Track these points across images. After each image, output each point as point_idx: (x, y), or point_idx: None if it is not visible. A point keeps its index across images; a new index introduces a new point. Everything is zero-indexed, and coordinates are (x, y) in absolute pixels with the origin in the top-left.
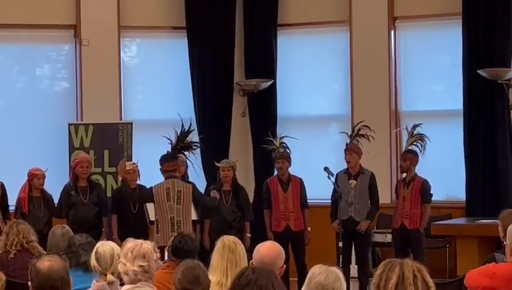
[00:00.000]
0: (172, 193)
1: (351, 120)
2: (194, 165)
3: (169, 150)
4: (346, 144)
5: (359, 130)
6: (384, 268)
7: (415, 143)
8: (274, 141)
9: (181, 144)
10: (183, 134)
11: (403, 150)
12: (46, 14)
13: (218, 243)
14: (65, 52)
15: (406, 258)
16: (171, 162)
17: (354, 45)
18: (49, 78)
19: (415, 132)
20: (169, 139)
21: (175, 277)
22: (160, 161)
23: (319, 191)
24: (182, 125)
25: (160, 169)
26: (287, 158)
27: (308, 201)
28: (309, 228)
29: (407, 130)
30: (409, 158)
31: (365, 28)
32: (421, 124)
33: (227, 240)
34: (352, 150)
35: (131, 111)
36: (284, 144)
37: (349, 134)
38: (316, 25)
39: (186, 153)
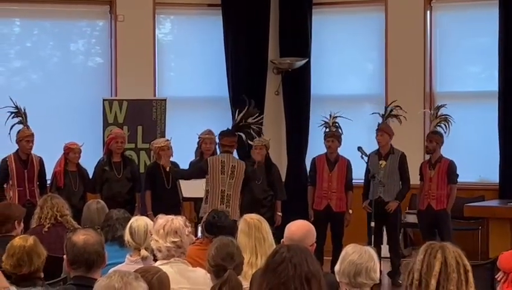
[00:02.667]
0: (226, 167)
1: (385, 100)
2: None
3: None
4: (378, 124)
5: (391, 110)
6: (425, 253)
7: (439, 124)
8: (328, 119)
9: (243, 122)
10: (248, 112)
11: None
12: None
13: (241, 224)
14: (99, 27)
15: (445, 243)
16: (229, 138)
17: (390, 25)
18: (83, 53)
19: (439, 113)
20: (232, 114)
21: (209, 253)
22: (219, 135)
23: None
24: (249, 103)
25: (218, 143)
26: (337, 138)
27: None
28: (350, 211)
29: (430, 112)
30: (435, 139)
31: (401, 8)
32: (445, 104)
33: (250, 218)
34: (383, 131)
35: (164, 88)
36: (337, 124)
37: (381, 114)
38: (351, 4)
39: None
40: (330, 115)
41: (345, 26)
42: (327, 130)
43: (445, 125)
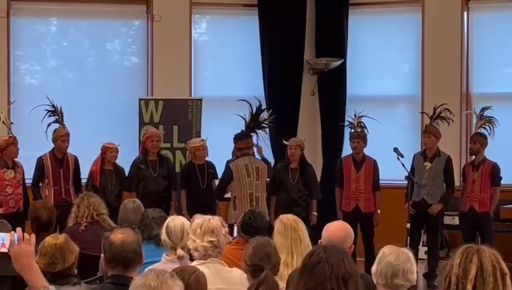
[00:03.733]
0: (251, 169)
1: (421, 101)
2: (262, 142)
3: (243, 128)
4: (426, 126)
5: (440, 112)
6: (462, 257)
7: (483, 126)
8: (353, 119)
9: (254, 123)
10: (256, 112)
11: (473, 132)
12: None
13: (278, 224)
14: (135, 27)
15: (481, 245)
16: (244, 140)
17: (426, 25)
18: (119, 53)
19: (484, 115)
20: (243, 117)
21: (245, 253)
22: (234, 139)
23: (386, 171)
24: (260, 105)
25: (234, 147)
26: (363, 138)
27: None
28: (379, 211)
29: (475, 113)
30: (479, 141)
31: (438, 8)
32: (491, 106)
33: (287, 219)
34: (430, 133)
35: (200, 88)
36: (362, 124)
37: (429, 115)
38: (388, 4)
39: (258, 131)
40: (355, 115)
41: (381, 27)
42: (352, 130)
43: (489, 127)
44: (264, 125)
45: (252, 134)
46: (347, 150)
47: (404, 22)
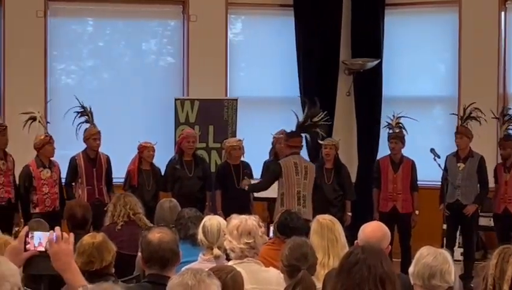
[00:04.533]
0: (300, 168)
1: (458, 102)
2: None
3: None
4: (457, 127)
5: (470, 112)
6: (498, 258)
7: (510, 128)
8: (391, 120)
9: (308, 122)
10: (312, 113)
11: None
12: None
13: (314, 224)
14: (171, 27)
15: None
16: (296, 139)
17: (463, 26)
18: (155, 53)
19: (507, 117)
20: (296, 115)
21: (282, 253)
22: (286, 136)
23: (423, 172)
24: (315, 103)
25: (286, 145)
26: (401, 139)
27: None
28: (417, 212)
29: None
30: (509, 145)
31: (475, 9)
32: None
33: (323, 219)
34: (462, 133)
35: (235, 88)
36: (401, 124)
37: (459, 116)
38: (424, 4)
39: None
40: (394, 116)
41: (418, 27)
42: (390, 131)
43: None
44: (319, 125)
45: (302, 134)
46: (382, 150)
47: (440, 22)
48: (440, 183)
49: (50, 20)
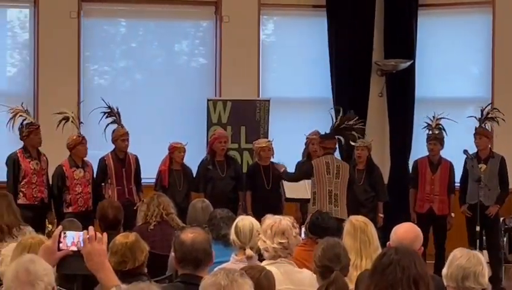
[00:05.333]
0: (332, 167)
1: (491, 104)
2: None
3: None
4: (476, 128)
5: (488, 113)
6: None
7: None
8: (431, 121)
9: (343, 125)
10: (347, 116)
11: None
12: None
13: (347, 225)
14: (203, 28)
15: None
16: (330, 141)
17: (497, 27)
18: (187, 54)
19: None
20: (332, 117)
21: (315, 254)
22: (320, 138)
23: (456, 174)
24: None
25: (320, 146)
26: (440, 140)
27: None
28: (453, 214)
29: None
30: None
31: (509, 9)
32: None
33: (357, 220)
34: (481, 134)
35: (268, 88)
36: (440, 126)
37: (477, 118)
38: (457, 6)
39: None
40: (433, 117)
41: (451, 27)
42: (430, 132)
43: None
44: (354, 128)
45: (337, 136)
46: (415, 151)
47: (473, 23)
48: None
49: (83, 21)
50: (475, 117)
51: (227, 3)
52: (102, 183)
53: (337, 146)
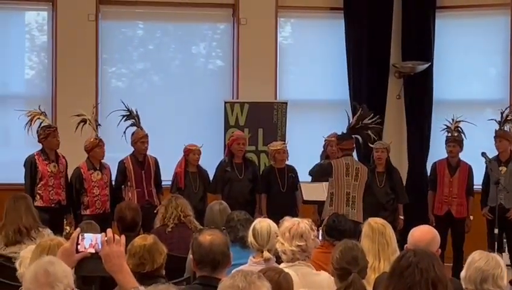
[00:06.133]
0: (351, 169)
1: (510, 106)
2: None
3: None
4: (496, 131)
5: (507, 116)
6: None
7: None
8: (450, 123)
9: (360, 124)
10: (362, 115)
11: None
12: None
13: (365, 227)
14: (220, 30)
15: None
16: (348, 141)
17: None
18: (204, 56)
19: None
20: (348, 117)
21: (333, 256)
22: (338, 139)
23: (475, 177)
24: (362, 107)
25: (338, 148)
26: (459, 143)
27: None
28: (471, 217)
29: None
30: None
31: None
32: None
33: (375, 223)
34: (501, 137)
35: (285, 91)
36: (459, 128)
37: (497, 120)
38: (475, 7)
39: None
40: (453, 120)
41: (469, 30)
42: (449, 134)
43: None
44: (371, 127)
45: (354, 136)
46: (433, 154)
47: (491, 25)
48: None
49: (101, 24)
50: (495, 120)
51: (245, 5)
52: (122, 186)
53: (354, 146)
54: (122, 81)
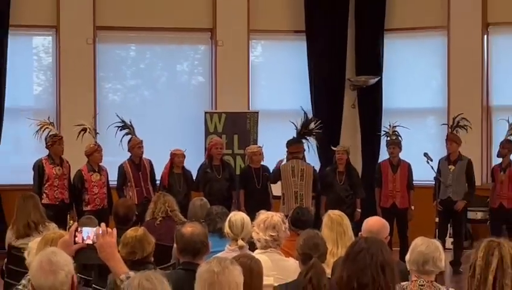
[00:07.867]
0: (296, 171)
1: (447, 113)
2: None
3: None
4: (447, 134)
5: (458, 122)
6: (484, 251)
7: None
8: (388, 129)
9: (304, 130)
10: (307, 122)
11: (499, 140)
12: (187, 19)
13: (325, 219)
14: (201, 51)
15: (502, 239)
16: (295, 145)
17: (451, 47)
18: (187, 73)
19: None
20: (295, 125)
21: (297, 243)
22: (287, 144)
23: (417, 173)
24: (307, 116)
25: (287, 151)
26: (397, 144)
27: None
28: (412, 207)
29: (508, 122)
30: (507, 147)
31: (461, 32)
32: None
33: (334, 214)
34: (452, 140)
35: (257, 102)
36: (396, 132)
37: (449, 125)
38: (417, 29)
39: (308, 138)
40: (390, 125)
41: (413, 48)
42: (388, 138)
43: None
44: (313, 133)
45: (302, 141)
46: (383, 155)
47: (432, 44)
48: (433, 183)
49: (98, 46)
50: (447, 125)
51: (221, 29)
52: (124, 187)
53: (303, 149)
54: (117, 96)
